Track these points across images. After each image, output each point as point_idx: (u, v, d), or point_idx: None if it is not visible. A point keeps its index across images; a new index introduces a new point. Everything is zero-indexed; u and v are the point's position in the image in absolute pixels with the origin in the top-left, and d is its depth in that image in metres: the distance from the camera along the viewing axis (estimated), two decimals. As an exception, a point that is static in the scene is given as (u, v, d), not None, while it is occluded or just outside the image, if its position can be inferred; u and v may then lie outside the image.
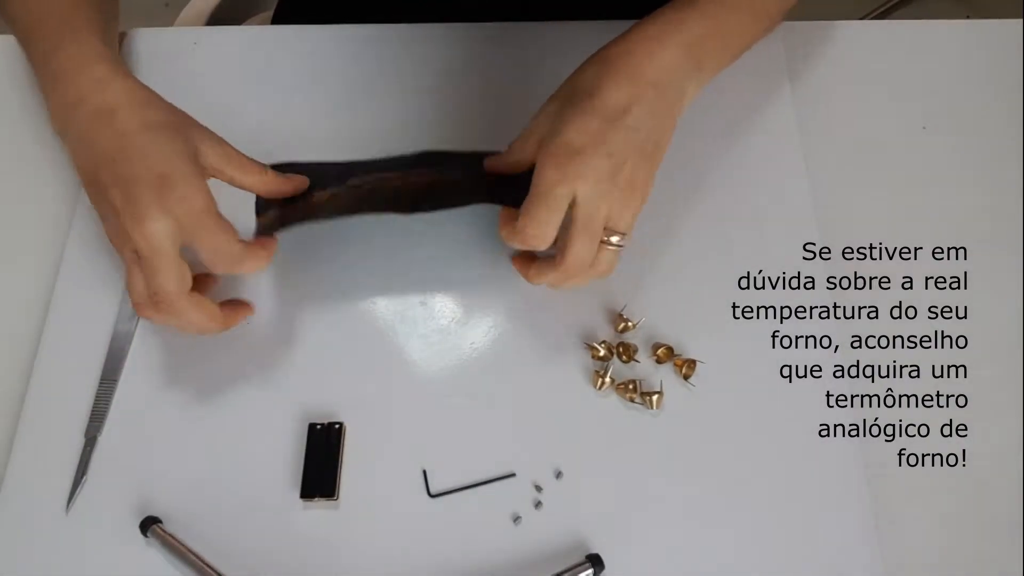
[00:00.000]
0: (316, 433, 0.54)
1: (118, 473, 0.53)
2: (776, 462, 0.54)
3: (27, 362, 0.57)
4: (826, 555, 0.51)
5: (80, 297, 0.59)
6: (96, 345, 0.57)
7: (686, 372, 0.56)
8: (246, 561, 0.50)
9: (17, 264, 0.61)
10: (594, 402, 0.55)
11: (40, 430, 0.55)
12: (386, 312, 0.59)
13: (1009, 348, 0.57)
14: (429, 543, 0.51)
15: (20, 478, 0.53)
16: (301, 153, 0.65)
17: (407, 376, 0.57)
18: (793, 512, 0.52)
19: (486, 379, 0.56)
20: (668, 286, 0.59)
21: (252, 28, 0.92)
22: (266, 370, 0.57)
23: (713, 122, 0.67)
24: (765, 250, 0.60)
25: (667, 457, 0.54)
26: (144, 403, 0.56)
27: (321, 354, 0.57)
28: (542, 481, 0.53)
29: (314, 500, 0.52)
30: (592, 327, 0.58)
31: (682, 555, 0.51)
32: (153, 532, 0.51)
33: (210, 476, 0.53)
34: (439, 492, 0.53)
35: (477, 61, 0.70)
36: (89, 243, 0.61)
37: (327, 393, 0.56)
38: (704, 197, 0.63)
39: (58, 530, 0.52)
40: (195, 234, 0.48)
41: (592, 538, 0.51)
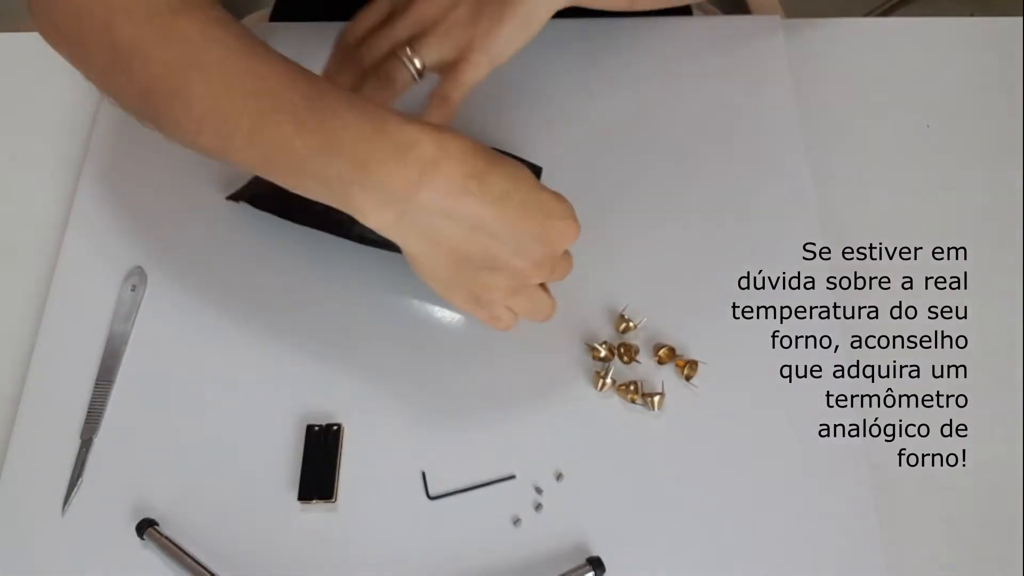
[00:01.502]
0: (314, 434, 0.53)
1: (114, 475, 0.53)
2: (776, 462, 0.53)
3: (23, 363, 0.56)
4: (827, 555, 0.51)
5: (76, 298, 0.59)
6: (92, 346, 0.57)
7: (688, 373, 0.55)
8: (243, 564, 0.50)
9: (13, 265, 0.61)
10: (595, 403, 0.55)
11: (36, 431, 0.54)
12: (385, 313, 0.58)
13: (1009, 348, 0.57)
14: (428, 546, 0.51)
15: (16, 480, 0.53)
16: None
17: (406, 376, 0.56)
18: (794, 512, 0.52)
19: (486, 379, 0.56)
20: (669, 286, 0.59)
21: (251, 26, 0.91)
22: (263, 371, 0.56)
23: (713, 121, 0.67)
24: (765, 250, 0.60)
25: (668, 458, 0.53)
26: (140, 404, 0.55)
27: (319, 355, 0.57)
28: (542, 483, 0.53)
29: (312, 502, 0.51)
30: (593, 328, 0.58)
31: (684, 557, 0.51)
32: (149, 535, 0.50)
33: (207, 478, 0.53)
34: (438, 494, 0.52)
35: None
36: (85, 244, 0.61)
37: (325, 394, 0.55)
38: (704, 197, 0.63)
39: (54, 532, 0.51)
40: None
41: (593, 541, 0.51)
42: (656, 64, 0.69)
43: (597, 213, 0.62)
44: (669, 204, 0.63)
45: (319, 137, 0.42)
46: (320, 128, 0.42)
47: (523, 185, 0.44)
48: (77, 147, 0.65)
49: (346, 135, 0.42)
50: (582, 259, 0.60)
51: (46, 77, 0.69)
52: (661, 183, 0.64)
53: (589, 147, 0.66)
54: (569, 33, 0.71)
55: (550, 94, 0.68)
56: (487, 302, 0.48)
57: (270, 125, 0.43)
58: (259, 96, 0.43)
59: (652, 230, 0.62)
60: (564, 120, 0.67)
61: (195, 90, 0.44)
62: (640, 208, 0.63)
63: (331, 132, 0.42)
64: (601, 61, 0.69)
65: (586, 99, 0.68)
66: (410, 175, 0.42)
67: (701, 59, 0.70)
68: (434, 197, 0.42)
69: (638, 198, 0.63)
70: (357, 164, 0.42)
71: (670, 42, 0.71)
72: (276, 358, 0.57)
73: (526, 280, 0.47)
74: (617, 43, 0.69)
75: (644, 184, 0.64)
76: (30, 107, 0.68)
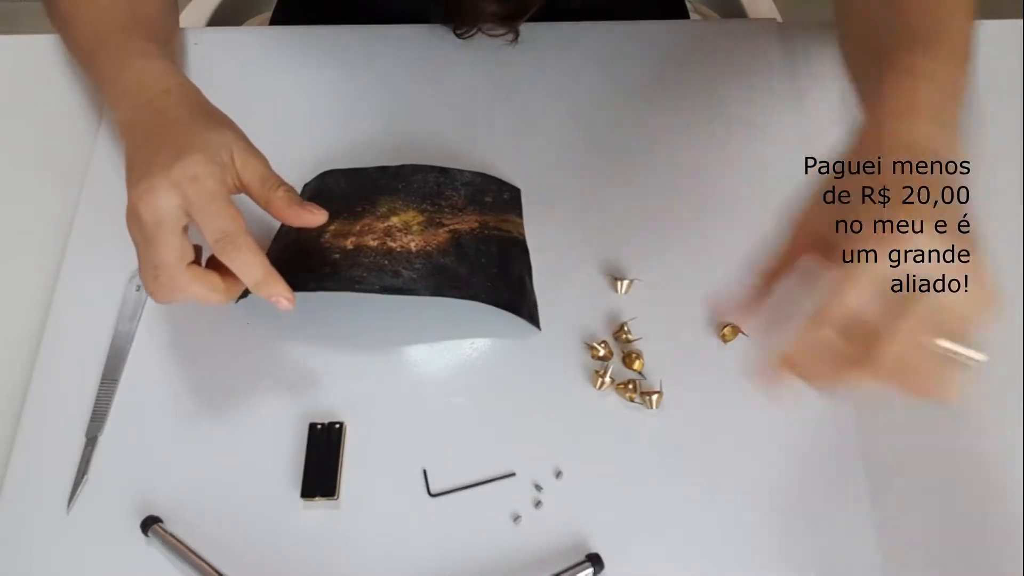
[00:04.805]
0: (317, 433, 0.54)
1: (119, 473, 0.53)
2: (776, 461, 0.54)
3: (28, 362, 0.57)
4: (826, 554, 0.51)
5: (81, 297, 0.59)
6: (97, 345, 0.57)
7: (727, 335, 0.57)
8: (247, 560, 0.51)
9: (19, 264, 0.61)
10: (594, 402, 0.56)
11: (41, 430, 0.55)
12: (386, 312, 0.59)
13: (1009, 348, 0.57)
14: (429, 542, 0.51)
15: (21, 478, 0.53)
16: (301, 154, 0.65)
17: (407, 376, 0.57)
18: (793, 511, 0.52)
19: (486, 378, 0.56)
20: (668, 287, 0.59)
21: (252, 28, 0.92)
22: (267, 370, 0.57)
23: (713, 123, 0.67)
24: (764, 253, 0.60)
25: (667, 456, 0.54)
26: (145, 403, 0.56)
27: (321, 354, 0.57)
28: (542, 481, 0.53)
29: (315, 499, 0.52)
30: (592, 327, 0.58)
31: (681, 554, 0.51)
32: (154, 531, 0.51)
33: (211, 476, 0.53)
34: (439, 491, 0.53)
35: (477, 62, 0.70)
36: (91, 243, 0.61)
37: (327, 393, 0.56)
38: (701, 201, 0.63)
39: (59, 530, 0.52)
40: (200, 212, 0.48)
41: (592, 537, 0.51)
42: (653, 68, 0.70)
43: (595, 214, 0.63)
44: (666, 208, 0.63)
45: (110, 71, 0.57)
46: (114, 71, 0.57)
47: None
48: (83, 147, 0.66)
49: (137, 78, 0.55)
50: (583, 259, 0.61)
51: (52, 79, 0.69)
52: (658, 187, 0.64)
53: (587, 150, 0.66)
54: (568, 38, 0.71)
55: (547, 97, 0.68)
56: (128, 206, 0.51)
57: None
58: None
59: (650, 233, 0.62)
60: (561, 125, 0.67)
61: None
62: (638, 210, 0.63)
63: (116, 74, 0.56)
64: (599, 66, 0.70)
65: (583, 103, 0.68)
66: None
67: (698, 63, 0.70)
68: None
69: (637, 201, 0.63)
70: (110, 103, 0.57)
71: (667, 46, 0.71)
72: (279, 357, 0.57)
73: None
74: (615, 48, 0.70)
75: (643, 186, 0.64)
76: (37, 108, 0.69)
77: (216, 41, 0.73)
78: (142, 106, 0.54)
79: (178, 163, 0.48)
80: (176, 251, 0.49)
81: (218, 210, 0.48)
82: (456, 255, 0.56)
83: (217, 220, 0.48)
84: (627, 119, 0.67)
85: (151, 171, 0.48)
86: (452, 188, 0.60)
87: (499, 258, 0.57)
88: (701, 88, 0.69)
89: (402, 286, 0.54)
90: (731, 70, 0.70)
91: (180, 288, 0.49)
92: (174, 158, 0.48)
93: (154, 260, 0.49)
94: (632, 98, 0.68)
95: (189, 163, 0.48)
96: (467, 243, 0.57)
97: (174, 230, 0.48)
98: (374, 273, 0.54)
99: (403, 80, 0.69)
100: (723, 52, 0.72)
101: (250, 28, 0.93)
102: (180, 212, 0.48)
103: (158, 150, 0.50)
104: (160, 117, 0.52)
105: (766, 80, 0.69)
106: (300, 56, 0.71)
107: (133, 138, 0.53)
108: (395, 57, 0.70)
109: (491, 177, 0.62)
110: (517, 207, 0.62)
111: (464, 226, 0.58)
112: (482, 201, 0.60)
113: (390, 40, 0.71)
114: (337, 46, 0.71)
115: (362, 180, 0.61)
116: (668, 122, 0.67)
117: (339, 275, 0.54)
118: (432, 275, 0.55)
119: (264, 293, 0.49)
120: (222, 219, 0.48)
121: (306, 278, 0.54)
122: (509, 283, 0.57)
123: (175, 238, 0.48)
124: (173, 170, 0.48)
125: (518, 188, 0.63)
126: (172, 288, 0.49)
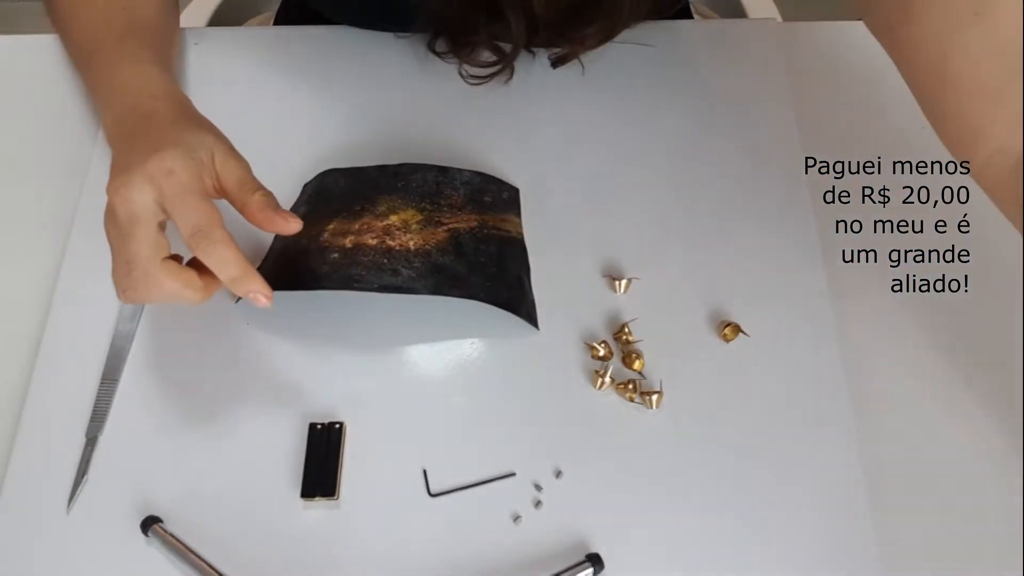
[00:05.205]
0: (317, 433, 0.54)
1: (119, 473, 0.53)
2: (776, 461, 0.54)
3: (28, 362, 0.57)
4: (826, 553, 0.51)
5: (81, 297, 0.59)
6: (97, 345, 0.57)
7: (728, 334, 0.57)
8: (246, 560, 0.51)
9: (19, 264, 0.61)
10: (594, 402, 0.56)
11: (41, 430, 0.55)
12: (386, 312, 0.59)
13: (1009, 348, 0.57)
14: (429, 542, 0.51)
15: (21, 478, 0.53)
16: (301, 154, 0.65)
17: (407, 376, 0.57)
18: (793, 510, 0.52)
19: (486, 378, 0.56)
20: (667, 288, 0.59)
21: (253, 28, 0.92)
22: (267, 370, 0.57)
23: (714, 123, 0.67)
24: (765, 251, 0.60)
25: (667, 456, 0.54)
26: (145, 403, 0.56)
27: (321, 354, 0.57)
28: (542, 480, 0.53)
29: (315, 499, 0.52)
30: (592, 327, 0.58)
31: (681, 554, 0.51)
32: (154, 531, 0.51)
33: (211, 475, 0.53)
34: (439, 491, 0.53)
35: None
36: (91, 243, 0.61)
37: (327, 393, 0.56)
38: (702, 200, 0.63)
39: (59, 530, 0.52)
40: (175, 207, 0.47)
41: (592, 537, 0.51)
42: (654, 68, 0.70)
43: (595, 214, 0.63)
44: (667, 207, 0.63)
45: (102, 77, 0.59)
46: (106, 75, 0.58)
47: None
48: (83, 147, 0.66)
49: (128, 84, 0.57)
50: (582, 259, 0.61)
51: (52, 79, 0.69)
52: (658, 186, 0.64)
53: (587, 150, 0.66)
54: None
55: (547, 97, 0.68)
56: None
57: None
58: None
59: (650, 232, 0.62)
60: (561, 126, 0.67)
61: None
62: (638, 209, 0.63)
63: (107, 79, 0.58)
64: (598, 66, 0.70)
65: (583, 103, 0.68)
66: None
67: (699, 63, 0.70)
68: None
69: (636, 201, 0.63)
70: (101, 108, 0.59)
71: (668, 46, 0.71)
72: (279, 357, 0.57)
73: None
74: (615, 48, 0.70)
75: (642, 186, 0.64)
76: (37, 108, 0.69)
77: (216, 41, 0.73)
78: (129, 110, 0.54)
79: (154, 157, 0.48)
80: (150, 244, 0.48)
81: (193, 204, 0.48)
82: (455, 254, 0.56)
83: (192, 214, 0.47)
84: (627, 119, 0.67)
85: (128, 167, 0.48)
86: (451, 187, 0.60)
87: (498, 257, 0.57)
88: (701, 88, 0.69)
89: (401, 285, 0.54)
90: (731, 70, 0.70)
91: (154, 283, 0.48)
92: (151, 153, 0.48)
93: (127, 255, 0.48)
94: (632, 98, 0.68)
95: (165, 157, 0.48)
96: (466, 242, 0.57)
97: (148, 224, 0.48)
98: (373, 272, 0.54)
99: (403, 80, 0.69)
100: (723, 52, 0.72)
101: (250, 28, 0.94)
102: (155, 207, 0.48)
103: (137, 148, 0.49)
104: (145, 121, 0.52)
105: (766, 80, 0.69)
106: (300, 56, 0.71)
107: (118, 141, 0.53)
108: (395, 57, 0.70)
109: (490, 177, 0.62)
110: (516, 207, 0.62)
111: (463, 225, 0.58)
112: (481, 200, 0.60)
113: (390, 40, 0.71)
114: (337, 46, 0.71)
115: (361, 179, 0.61)
116: (668, 122, 0.67)
117: (338, 274, 0.54)
118: (431, 274, 0.55)
119: (241, 290, 0.48)
120: (197, 213, 0.48)
121: (305, 277, 0.54)
122: (508, 282, 0.57)
123: (150, 232, 0.48)
124: (149, 164, 0.48)
125: (517, 188, 0.63)
126: (146, 283, 0.48)
